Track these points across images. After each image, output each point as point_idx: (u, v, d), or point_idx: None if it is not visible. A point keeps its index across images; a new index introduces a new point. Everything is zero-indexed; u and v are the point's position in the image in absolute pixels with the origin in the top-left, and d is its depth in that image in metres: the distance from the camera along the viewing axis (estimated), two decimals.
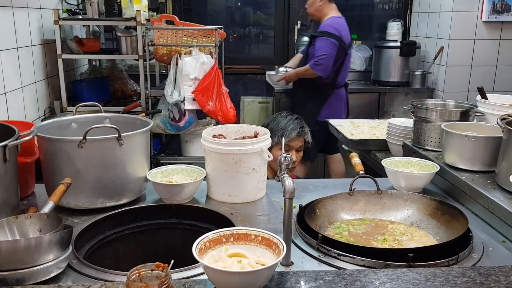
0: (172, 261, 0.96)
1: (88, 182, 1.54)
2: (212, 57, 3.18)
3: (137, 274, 0.93)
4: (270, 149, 2.28)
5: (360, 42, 5.28)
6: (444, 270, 1.16)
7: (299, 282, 1.11)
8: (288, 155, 1.30)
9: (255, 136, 1.80)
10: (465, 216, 1.42)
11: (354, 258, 1.25)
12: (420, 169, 1.83)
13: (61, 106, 3.42)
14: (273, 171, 2.36)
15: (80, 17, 3.60)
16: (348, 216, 1.59)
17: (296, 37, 5.04)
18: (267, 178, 1.81)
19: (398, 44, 4.52)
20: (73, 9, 3.74)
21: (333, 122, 3.21)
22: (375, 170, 2.44)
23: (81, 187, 1.53)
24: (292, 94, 4.12)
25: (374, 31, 5.40)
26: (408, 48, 4.47)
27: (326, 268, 1.24)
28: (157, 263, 0.95)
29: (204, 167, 1.75)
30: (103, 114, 1.87)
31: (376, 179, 1.66)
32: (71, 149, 1.50)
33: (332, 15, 3.83)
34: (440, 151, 1.98)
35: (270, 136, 2.30)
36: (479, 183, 1.68)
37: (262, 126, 2.38)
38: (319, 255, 1.30)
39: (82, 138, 1.48)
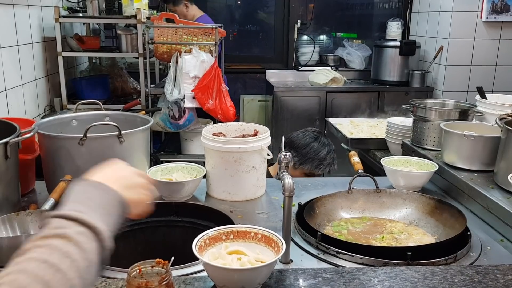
0: (173, 258, 0.97)
1: None
2: (212, 56, 3.18)
3: (138, 271, 0.94)
4: (295, 168, 2.28)
5: (360, 41, 5.28)
6: (442, 269, 1.16)
7: (298, 279, 1.12)
8: (287, 154, 1.31)
9: (255, 135, 1.80)
10: (463, 215, 1.43)
11: (353, 256, 1.25)
12: (419, 168, 1.84)
13: (61, 104, 3.42)
14: None
15: (81, 14, 3.60)
16: (347, 215, 1.60)
17: (296, 35, 5.04)
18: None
19: (398, 43, 4.52)
20: (73, 7, 3.74)
21: (332, 121, 3.22)
22: (374, 169, 2.45)
23: None
24: None
25: (374, 30, 5.40)
26: (408, 48, 4.47)
27: (325, 266, 1.24)
28: (157, 259, 0.95)
29: (203, 165, 1.75)
30: (104, 111, 1.88)
31: (375, 178, 1.67)
32: (71, 146, 1.51)
33: (198, 15, 4.23)
34: (439, 150, 1.99)
35: (303, 159, 2.31)
36: (478, 182, 1.69)
37: (287, 138, 2.32)
38: (318, 253, 1.30)
39: (82, 135, 1.49)
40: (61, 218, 0.72)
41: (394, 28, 4.75)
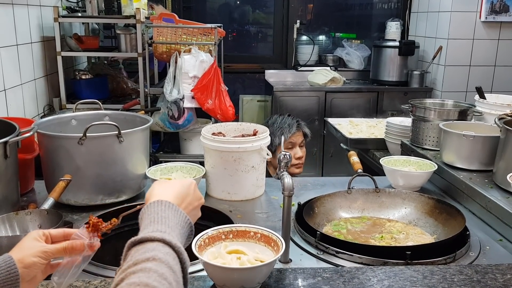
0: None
1: (88, 179, 1.55)
2: (212, 55, 3.18)
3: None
4: (274, 149, 2.29)
5: (359, 41, 5.28)
6: (442, 268, 1.17)
7: (297, 279, 1.12)
8: (287, 153, 1.31)
9: (254, 134, 1.80)
10: (462, 214, 1.43)
11: (352, 255, 1.26)
12: (418, 168, 1.84)
13: (60, 104, 3.41)
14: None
15: (80, 14, 3.60)
16: (346, 214, 1.60)
17: (295, 35, 5.04)
18: (270, 176, 1.81)
19: (397, 43, 4.52)
20: (72, 7, 3.74)
21: (331, 121, 3.22)
22: (373, 169, 2.45)
23: (81, 183, 1.53)
24: None
25: (373, 31, 5.40)
26: (407, 48, 4.47)
27: (324, 266, 1.25)
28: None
29: (203, 165, 1.75)
30: (103, 111, 1.88)
31: (374, 177, 1.67)
32: (71, 146, 1.51)
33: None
34: (438, 150, 1.99)
35: (272, 139, 2.31)
36: (477, 182, 1.69)
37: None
38: (317, 253, 1.31)
39: (82, 135, 1.49)
40: (147, 241, 0.73)
41: (393, 28, 4.75)
